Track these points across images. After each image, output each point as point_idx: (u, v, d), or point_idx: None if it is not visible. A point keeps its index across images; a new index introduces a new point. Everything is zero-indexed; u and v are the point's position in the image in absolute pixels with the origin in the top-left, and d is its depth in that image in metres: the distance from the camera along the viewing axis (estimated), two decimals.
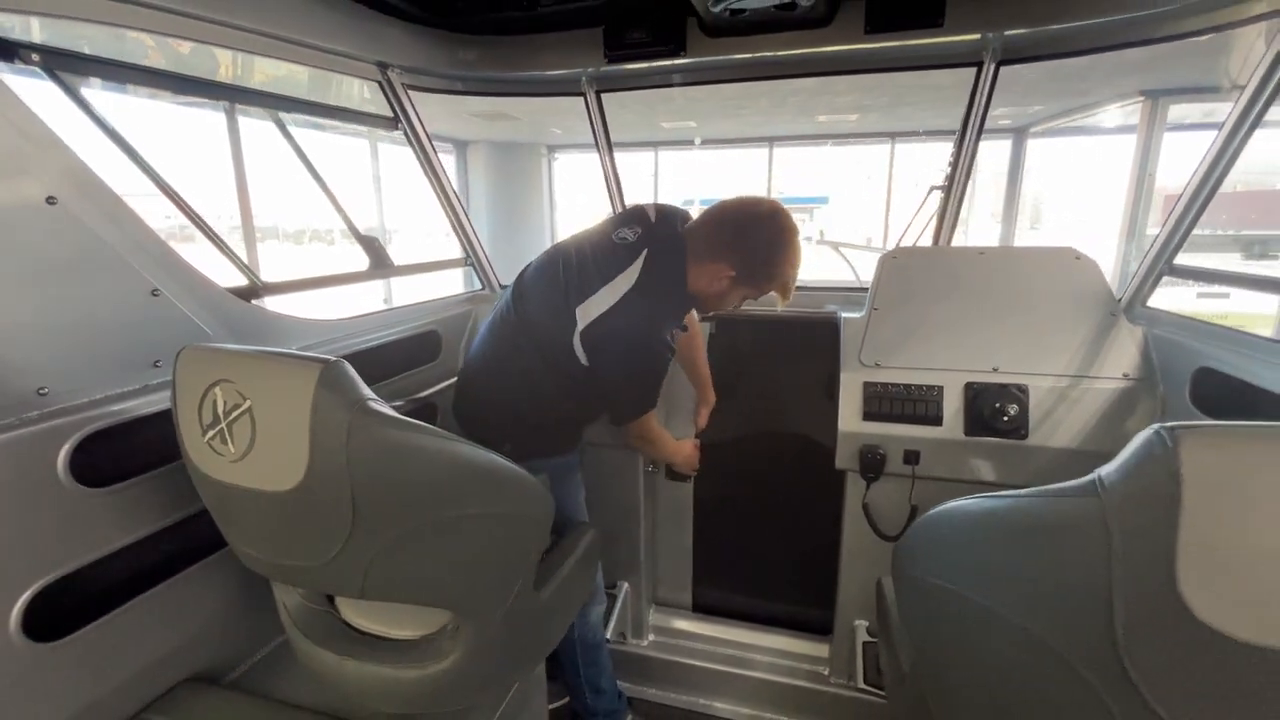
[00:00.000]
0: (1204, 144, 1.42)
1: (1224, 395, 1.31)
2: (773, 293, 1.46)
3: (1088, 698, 0.60)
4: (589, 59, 1.86)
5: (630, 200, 2.18)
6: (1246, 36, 1.43)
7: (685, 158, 7.75)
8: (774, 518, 2.07)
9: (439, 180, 2.04)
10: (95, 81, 1.26)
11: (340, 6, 1.56)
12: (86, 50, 1.22)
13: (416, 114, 1.91)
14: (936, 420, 1.60)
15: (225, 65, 1.74)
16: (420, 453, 0.89)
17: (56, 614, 0.98)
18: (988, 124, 1.83)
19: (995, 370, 1.60)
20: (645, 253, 1.39)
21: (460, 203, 2.10)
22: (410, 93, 1.88)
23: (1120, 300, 1.62)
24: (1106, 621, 0.57)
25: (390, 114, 1.88)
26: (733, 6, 1.51)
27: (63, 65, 1.14)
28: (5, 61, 1.03)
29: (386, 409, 0.87)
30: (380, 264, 1.76)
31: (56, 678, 0.99)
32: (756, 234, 1.39)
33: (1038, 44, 1.66)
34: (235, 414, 0.86)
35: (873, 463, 1.63)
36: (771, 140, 6.88)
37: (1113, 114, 4.78)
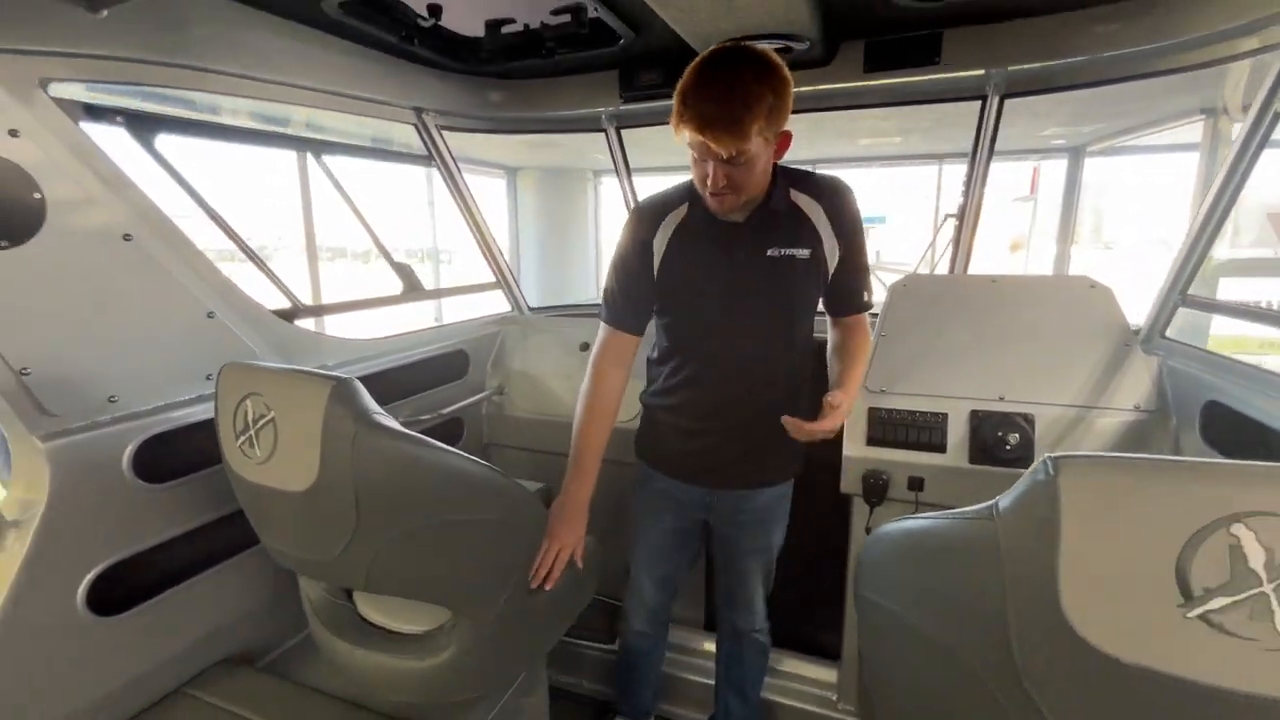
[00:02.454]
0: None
1: (1233, 431, 1.27)
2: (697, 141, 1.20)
3: (996, 711, 0.64)
4: (607, 99, 1.98)
5: None
6: None
7: None
8: (786, 539, 2.09)
9: (469, 209, 2.20)
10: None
11: (381, 60, 1.74)
12: (159, 107, 1.43)
13: (449, 151, 2.09)
14: (940, 447, 1.59)
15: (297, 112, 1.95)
16: (418, 462, 1.00)
17: (116, 592, 1.14)
18: (1044, 145, 1.83)
19: (1001, 399, 1.59)
20: None
21: (488, 228, 2.26)
22: (444, 132, 2.06)
23: (1139, 331, 1.58)
24: (1004, 638, 0.60)
25: (425, 153, 2.05)
26: None
27: (141, 125, 1.34)
28: (96, 123, 1.23)
29: (391, 423, 0.99)
30: (412, 288, 1.92)
31: (113, 649, 1.14)
32: None
33: (1040, 78, 1.67)
34: (262, 422, 1.00)
35: (876, 488, 1.64)
36: (814, 163, 6.89)
37: (1178, 131, 4.56)
